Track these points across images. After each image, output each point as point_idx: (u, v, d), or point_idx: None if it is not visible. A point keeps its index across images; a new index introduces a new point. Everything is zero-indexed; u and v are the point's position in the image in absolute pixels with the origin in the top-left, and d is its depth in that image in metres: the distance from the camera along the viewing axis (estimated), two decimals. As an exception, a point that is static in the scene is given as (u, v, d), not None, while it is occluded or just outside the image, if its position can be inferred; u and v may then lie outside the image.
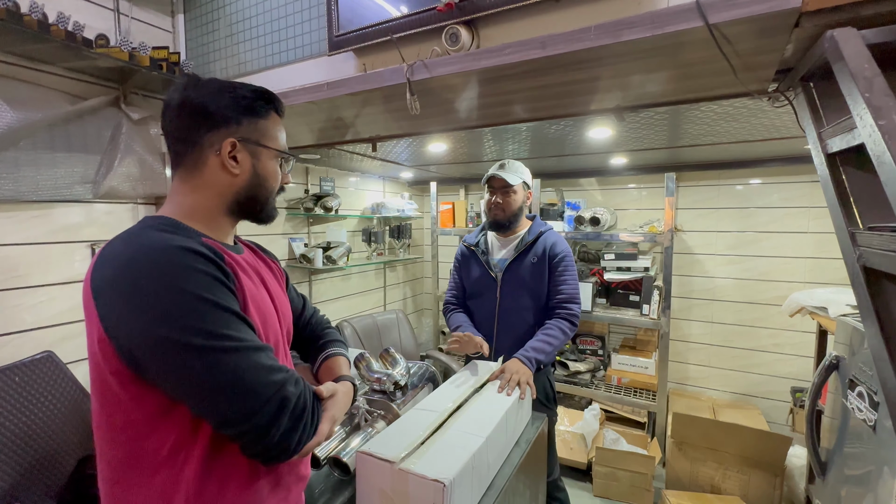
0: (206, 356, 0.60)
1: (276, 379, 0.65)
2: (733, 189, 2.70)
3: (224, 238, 0.78)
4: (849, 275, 0.81)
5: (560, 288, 1.62)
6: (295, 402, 0.66)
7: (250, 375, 0.63)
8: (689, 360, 2.89)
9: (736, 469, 2.08)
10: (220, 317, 0.62)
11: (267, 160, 0.78)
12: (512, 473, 1.13)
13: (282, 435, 0.64)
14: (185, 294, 0.60)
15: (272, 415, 0.63)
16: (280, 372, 0.66)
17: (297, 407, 0.66)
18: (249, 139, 0.75)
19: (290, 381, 0.67)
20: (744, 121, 1.64)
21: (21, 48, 1.43)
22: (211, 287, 0.63)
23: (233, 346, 0.62)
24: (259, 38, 1.70)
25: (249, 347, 0.64)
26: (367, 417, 1.22)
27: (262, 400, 0.63)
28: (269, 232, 2.52)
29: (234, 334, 0.63)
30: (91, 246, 1.72)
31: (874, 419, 1.22)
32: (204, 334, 0.60)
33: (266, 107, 0.77)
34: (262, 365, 0.64)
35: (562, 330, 1.58)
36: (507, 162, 1.71)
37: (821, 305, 1.77)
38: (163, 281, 0.60)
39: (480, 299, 1.74)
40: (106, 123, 1.71)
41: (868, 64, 0.77)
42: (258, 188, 0.78)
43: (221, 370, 0.61)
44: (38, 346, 1.45)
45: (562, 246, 1.66)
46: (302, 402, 0.68)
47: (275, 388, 0.64)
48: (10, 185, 1.46)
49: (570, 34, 1.05)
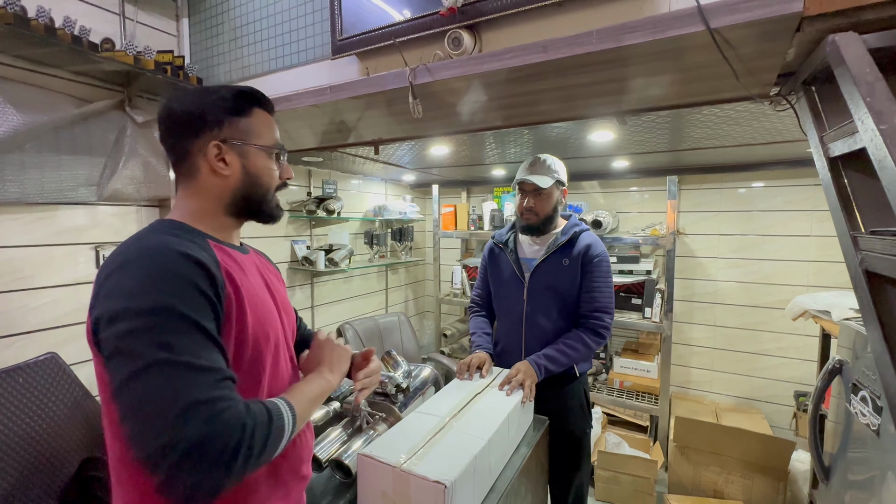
0: (135, 361, 0.56)
1: (193, 404, 0.55)
2: (736, 192, 2.70)
3: (229, 239, 0.79)
4: (851, 279, 0.81)
5: (593, 295, 1.50)
6: (209, 439, 0.54)
7: (166, 395, 0.55)
8: (691, 363, 2.88)
9: (739, 474, 2.07)
10: (177, 327, 0.58)
11: (256, 157, 0.77)
12: (514, 476, 1.13)
13: (171, 475, 0.53)
14: (153, 296, 0.59)
15: (168, 447, 0.53)
16: (212, 402, 0.56)
17: (211, 447, 0.54)
18: (234, 139, 0.75)
19: (221, 411, 0.56)
20: (746, 124, 1.64)
21: (28, 52, 1.45)
22: (184, 294, 0.60)
23: (167, 358, 0.56)
24: (263, 42, 1.72)
25: (190, 365, 0.57)
26: (369, 420, 1.22)
27: (161, 428, 0.54)
28: (271, 234, 2.53)
29: (179, 347, 0.57)
30: (95, 248, 1.73)
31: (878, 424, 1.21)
32: (147, 340, 0.57)
33: (248, 105, 0.77)
34: (187, 386, 0.56)
35: (585, 343, 1.48)
36: (538, 159, 1.57)
37: (824, 309, 1.76)
38: (140, 279, 0.60)
39: (507, 301, 1.64)
40: (111, 126, 1.72)
41: (869, 68, 0.77)
42: (252, 187, 0.77)
43: (141, 381, 0.55)
44: (41, 348, 1.45)
45: (599, 248, 1.53)
46: (223, 443, 0.55)
47: (186, 417, 0.54)
48: (16, 187, 1.48)
49: (571, 38, 1.06)
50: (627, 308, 2.68)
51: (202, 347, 0.60)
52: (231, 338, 0.68)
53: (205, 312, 0.62)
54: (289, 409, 0.67)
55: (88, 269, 1.71)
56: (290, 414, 0.67)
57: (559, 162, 1.60)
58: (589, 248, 1.52)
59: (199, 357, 0.59)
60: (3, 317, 1.49)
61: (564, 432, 1.55)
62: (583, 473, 1.59)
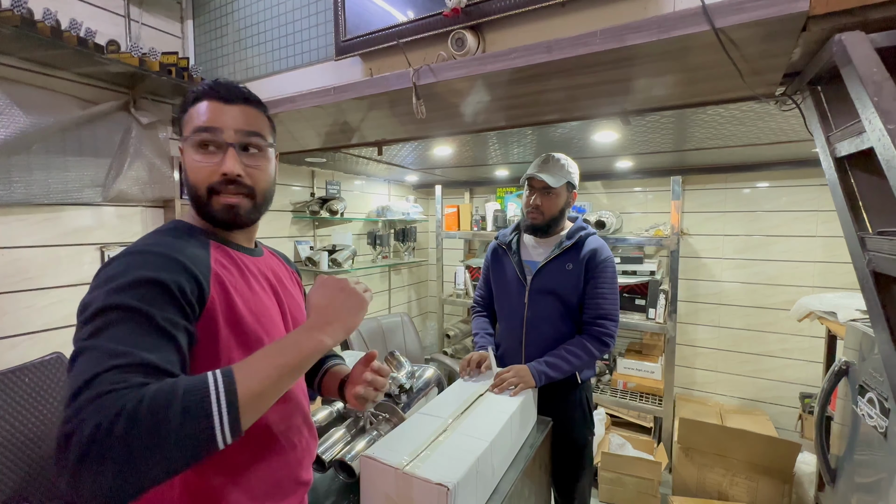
0: (74, 350, 0.52)
1: (82, 386, 0.47)
2: (740, 192, 2.68)
3: (241, 241, 0.78)
4: (858, 280, 0.80)
5: (597, 301, 1.46)
6: (80, 426, 0.44)
7: (74, 380, 0.48)
8: (695, 364, 2.87)
9: (744, 476, 2.06)
10: (121, 318, 0.54)
11: (186, 153, 0.71)
12: (517, 478, 1.13)
13: (62, 468, 0.44)
14: (111, 289, 0.56)
15: (67, 421, 0.45)
16: (98, 385, 0.47)
17: (80, 435, 0.44)
18: (182, 135, 0.73)
19: (102, 394, 0.46)
20: (751, 124, 1.63)
21: (34, 54, 1.46)
22: (142, 287, 0.57)
23: (92, 344, 0.51)
24: (267, 44, 1.72)
25: (97, 348, 0.50)
26: (373, 421, 1.22)
27: (70, 395, 0.47)
28: (274, 235, 2.54)
29: (109, 334, 0.52)
30: (100, 248, 1.74)
31: (885, 426, 1.20)
32: (86, 330, 0.53)
33: (193, 98, 0.72)
34: (88, 369, 0.48)
35: (588, 350, 1.44)
36: (552, 157, 1.52)
37: (830, 310, 1.75)
38: (107, 276, 0.59)
39: (508, 303, 1.60)
40: (116, 128, 1.73)
41: (877, 68, 0.76)
42: (188, 188, 0.72)
43: (71, 367, 0.51)
44: (47, 348, 1.46)
45: (605, 253, 1.49)
46: (90, 429, 0.44)
47: (70, 403, 0.46)
48: (23, 188, 1.49)
49: (575, 38, 1.06)
50: (631, 309, 2.67)
51: (132, 335, 0.53)
52: (220, 343, 0.65)
53: (160, 303, 0.57)
54: (223, 383, 0.51)
55: (93, 270, 1.71)
56: (223, 390, 0.50)
57: (574, 163, 1.56)
58: (595, 252, 1.48)
59: (119, 343, 0.51)
60: (9, 317, 1.50)
61: (566, 440, 1.52)
62: (584, 481, 1.57)
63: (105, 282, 0.59)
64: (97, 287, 0.59)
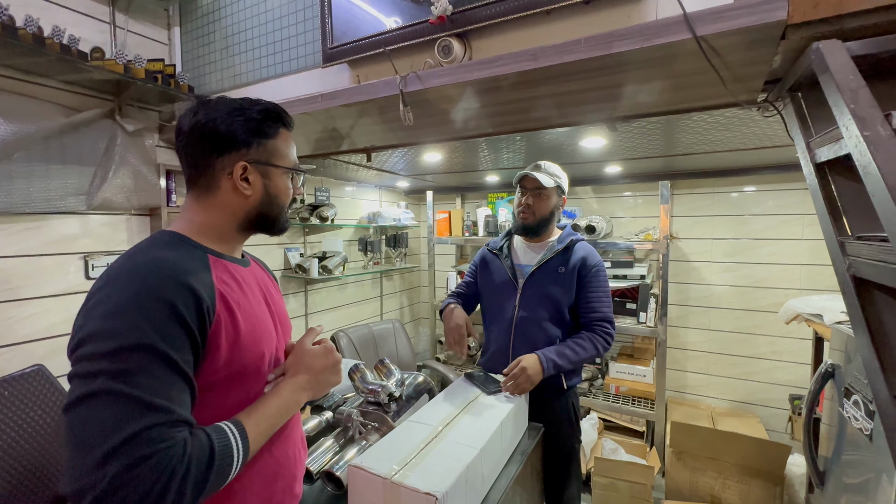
0: (89, 385, 0.54)
1: (126, 441, 0.52)
2: (728, 196, 2.71)
3: (232, 252, 0.79)
4: (839, 284, 0.81)
5: (594, 305, 1.50)
6: (130, 483, 0.51)
7: (105, 426, 0.53)
8: (687, 367, 2.88)
9: (736, 478, 2.06)
10: (143, 359, 0.56)
11: (277, 178, 0.79)
12: (508, 486, 1.12)
13: None
14: (128, 321, 0.57)
15: (86, 491, 0.51)
16: (146, 443, 0.53)
17: (131, 492, 0.51)
18: (260, 160, 0.76)
19: (152, 454, 0.53)
20: (735, 130, 1.65)
21: (16, 61, 1.44)
22: (162, 323, 0.58)
23: (120, 389, 0.54)
24: (254, 51, 1.72)
25: (140, 400, 0.54)
26: (361, 430, 1.21)
27: (87, 465, 0.52)
28: (264, 242, 2.52)
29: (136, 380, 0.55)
30: (84, 258, 1.72)
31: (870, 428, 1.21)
32: (107, 367, 0.55)
33: (275, 126, 0.78)
34: (127, 421, 0.53)
35: (595, 345, 1.46)
36: (543, 163, 1.59)
37: (816, 313, 1.76)
38: (121, 302, 0.59)
39: (498, 306, 1.60)
40: (101, 135, 1.71)
41: (853, 75, 0.78)
42: (269, 206, 0.79)
43: (86, 406, 0.54)
44: (29, 359, 1.43)
45: (595, 259, 1.53)
46: (146, 488, 0.52)
47: (112, 457, 0.51)
48: (3, 197, 1.46)
49: (560, 46, 1.07)
50: (622, 313, 2.68)
51: (163, 384, 0.57)
52: (219, 360, 0.66)
53: (180, 344, 0.60)
54: (239, 436, 0.64)
55: (78, 280, 1.70)
56: (240, 443, 0.64)
57: (563, 173, 1.61)
58: (586, 258, 1.52)
59: (154, 394, 0.56)
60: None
61: (551, 448, 1.52)
62: (572, 490, 1.56)
63: (119, 309, 0.58)
64: (111, 314, 0.58)
